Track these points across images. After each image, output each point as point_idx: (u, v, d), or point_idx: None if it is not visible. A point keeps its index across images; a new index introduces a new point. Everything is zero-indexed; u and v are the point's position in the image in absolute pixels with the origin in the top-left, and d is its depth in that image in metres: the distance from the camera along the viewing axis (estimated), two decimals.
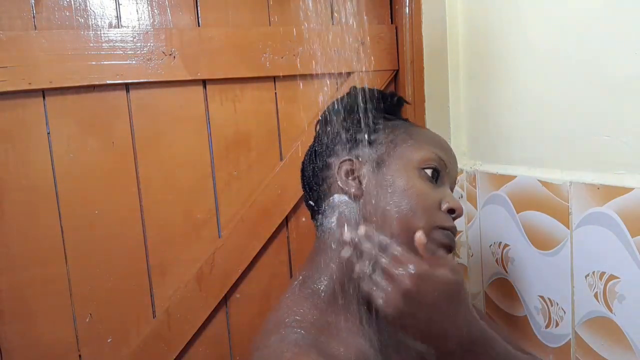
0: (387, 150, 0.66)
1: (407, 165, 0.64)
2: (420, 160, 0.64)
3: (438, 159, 0.65)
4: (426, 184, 0.64)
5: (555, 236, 0.76)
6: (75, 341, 0.95)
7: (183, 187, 1.00)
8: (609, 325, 0.68)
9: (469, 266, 0.99)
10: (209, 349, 1.04)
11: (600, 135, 0.69)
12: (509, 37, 0.84)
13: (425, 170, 0.64)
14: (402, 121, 0.73)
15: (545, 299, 0.79)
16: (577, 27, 0.71)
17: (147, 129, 0.97)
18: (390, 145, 0.66)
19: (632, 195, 0.63)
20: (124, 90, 0.95)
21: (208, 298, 1.02)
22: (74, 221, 0.93)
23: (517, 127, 0.85)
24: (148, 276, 0.99)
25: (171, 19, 0.97)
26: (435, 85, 1.02)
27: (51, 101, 0.91)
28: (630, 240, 0.63)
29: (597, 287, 0.69)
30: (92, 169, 0.94)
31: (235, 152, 1.03)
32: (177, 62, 0.96)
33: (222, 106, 1.02)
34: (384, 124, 0.69)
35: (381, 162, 0.65)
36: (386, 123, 0.69)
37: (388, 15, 1.13)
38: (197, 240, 1.01)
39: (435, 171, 0.65)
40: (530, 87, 0.81)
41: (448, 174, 0.67)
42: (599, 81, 0.68)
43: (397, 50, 1.11)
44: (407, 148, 0.66)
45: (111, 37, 0.91)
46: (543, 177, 0.78)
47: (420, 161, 0.64)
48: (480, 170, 0.93)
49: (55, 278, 0.93)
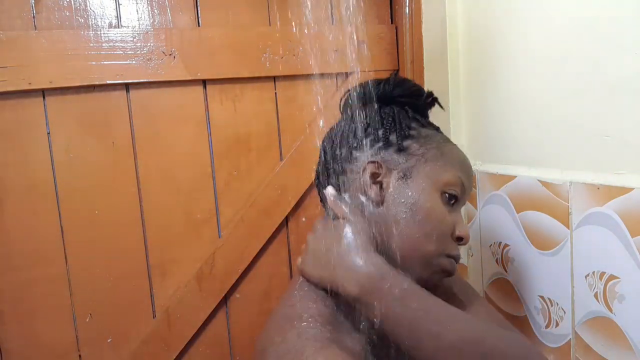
0: (417, 165, 0.63)
1: (433, 186, 0.63)
2: (446, 184, 0.63)
3: (461, 184, 0.65)
4: (445, 208, 0.63)
5: (555, 236, 0.76)
6: (75, 341, 0.95)
7: (183, 187, 1.00)
8: (609, 325, 0.68)
9: (469, 266, 0.99)
10: (209, 349, 1.04)
11: (600, 135, 0.69)
12: (509, 37, 0.84)
13: (446, 194, 0.63)
14: (434, 130, 0.70)
15: (545, 299, 0.79)
16: (577, 27, 0.71)
17: (147, 129, 0.97)
18: (420, 160, 0.64)
19: (632, 195, 0.63)
20: (124, 90, 0.95)
21: (208, 298, 1.02)
22: (74, 221, 0.93)
23: (517, 127, 0.85)
24: (148, 276, 0.99)
25: (171, 19, 0.97)
26: (435, 85, 1.02)
27: (51, 101, 0.91)
28: (630, 240, 0.63)
29: (597, 287, 0.69)
30: (92, 169, 0.94)
31: (235, 152, 1.03)
32: (177, 62, 0.96)
33: (222, 106, 1.02)
34: (417, 131, 0.66)
35: (408, 175, 0.63)
36: (419, 130, 0.67)
37: (388, 15, 1.13)
38: (197, 240, 1.01)
39: (454, 196, 0.64)
40: (530, 87, 0.81)
41: (464, 198, 0.67)
42: (599, 81, 0.68)
43: (397, 50, 1.11)
44: (437, 168, 0.64)
45: (111, 37, 0.91)
46: (543, 177, 0.78)
47: (445, 184, 0.63)
48: (480, 170, 0.93)
49: (55, 278, 0.93)
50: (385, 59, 1.10)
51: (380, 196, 0.63)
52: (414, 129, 0.66)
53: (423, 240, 0.61)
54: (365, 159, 0.64)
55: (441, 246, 0.62)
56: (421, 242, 0.61)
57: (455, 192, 0.64)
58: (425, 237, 0.61)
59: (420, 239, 0.61)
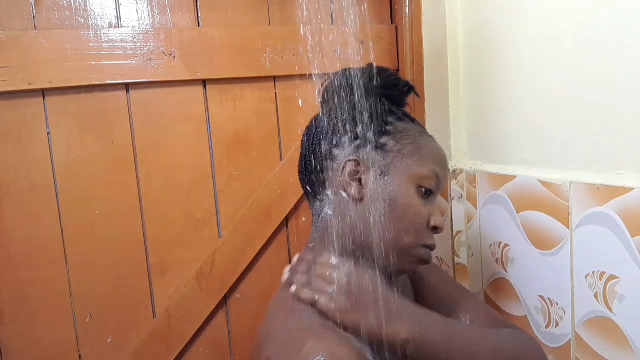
0: (394, 162, 0.65)
1: (409, 180, 0.65)
2: (422, 179, 0.65)
3: (436, 178, 0.67)
4: (421, 200, 0.65)
5: (555, 236, 0.76)
6: (75, 341, 0.95)
7: (183, 187, 1.00)
8: (609, 325, 0.68)
9: (469, 266, 0.99)
10: (209, 349, 1.04)
11: (600, 135, 0.69)
12: (509, 37, 0.84)
13: (422, 188, 0.65)
14: (411, 123, 0.71)
15: (545, 299, 0.79)
16: (577, 27, 0.71)
17: (147, 129, 0.97)
18: (397, 156, 0.65)
19: (632, 195, 0.63)
20: (124, 90, 0.95)
21: (208, 298, 1.02)
22: (74, 221, 0.93)
23: (517, 127, 0.85)
24: (148, 276, 0.99)
25: (171, 19, 0.97)
26: (435, 85, 1.02)
27: (51, 101, 0.91)
28: (630, 240, 0.63)
29: (597, 287, 0.69)
30: (92, 169, 0.94)
31: (235, 152, 1.03)
32: (177, 62, 0.96)
33: (222, 106, 1.02)
34: (394, 126, 0.67)
35: (385, 171, 0.65)
36: (396, 125, 0.68)
37: (388, 15, 1.13)
38: (197, 240, 1.01)
39: (429, 190, 0.66)
40: (530, 87, 0.81)
41: (439, 189, 0.69)
42: (599, 81, 0.68)
43: (397, 50, 1.11)
44: (413, 163, 0.65)
45: (111, 37, 0.91)
46: (543, 177, 0.78)
47: (421, 179, 0.65)
48: (480, 170, 0.93)
49: (55, 278, 0.93)
50: (385, 59, 1.10)
51: (360, 193, 0.64)
52: (390, 124, 0.67)
53: (402, 234, 0.64)
54: (344, 157, 0.66)
55: (418, 238, 0.65)
56: (400, 236, 0.64)
57: (430, 186, 0.66)
58: (404, 231, 0.64)
59: (399, 233, 0.64)
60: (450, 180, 0.97)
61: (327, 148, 0.67)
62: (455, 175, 0.98)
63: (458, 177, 0.97)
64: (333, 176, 0.66)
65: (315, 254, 0.66)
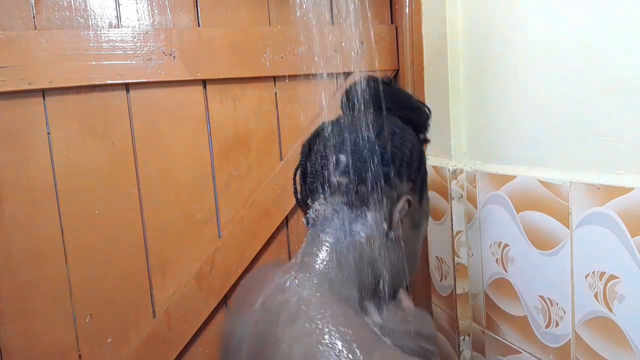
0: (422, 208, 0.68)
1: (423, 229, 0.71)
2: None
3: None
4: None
5: (555, 236, 0.75)
6: (75, 341, 0.95)
7: (183, 187, 1.00)
8: (609, 325, 0.68)
9: (469, 266, 0.99)
10: (209, 349, 1.04)
11: (600, 135, 0.69)
12: (509, 37, 0.84)
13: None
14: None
15: (545, 299, 0.79)
16: (577, 27, 0.71)
17: (147, 129, 0.97)
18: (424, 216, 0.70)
19: (632, 195, 0.63)
20: (124, 90, 0.95)
21: (208, 298, 1.02)
22: (74, 221, 0.93)
23: (517, 127, 0.85)
24: (148, 276, 0.99)
25: (171, 19, 0.97)
26: (435, 85, 1.02)
27: (51, 101, 0.91)
28: (630, 240, 0.63)
29: (597, 287, 0.69)
30: (92, 169, 0.94)
31: (235, 152, 1.03)
32: (177, 62, 0.96)
33: (222, 106, 1.02)
34: (425, 165, 0.69)
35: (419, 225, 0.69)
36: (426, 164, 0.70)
37: (388, 15, 1.13)
38: (197, 240, 1.01)
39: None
40: (531, 87, 0.81)
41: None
42: (599, 81, 0.68)
43: (397, 50, 1.11)
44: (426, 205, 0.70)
45: (111, 37, 0.91)
46: (543, 177, 0.77)
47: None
48: (480, 170, 0.93)
49: (55, 278, 0.93)
50: (385, 59, 1.10)
51: (398, 231, 0.64)
52: (423, 163, 0.68)
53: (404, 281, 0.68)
54: (402, 191, 0.63)
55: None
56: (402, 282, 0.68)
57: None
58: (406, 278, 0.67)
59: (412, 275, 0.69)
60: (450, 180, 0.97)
61: (387, 170, 0.61)
62: (455, 175, 0.97)
63: (458, 177, 0.97)
64: (383, 202, 0.61)
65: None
